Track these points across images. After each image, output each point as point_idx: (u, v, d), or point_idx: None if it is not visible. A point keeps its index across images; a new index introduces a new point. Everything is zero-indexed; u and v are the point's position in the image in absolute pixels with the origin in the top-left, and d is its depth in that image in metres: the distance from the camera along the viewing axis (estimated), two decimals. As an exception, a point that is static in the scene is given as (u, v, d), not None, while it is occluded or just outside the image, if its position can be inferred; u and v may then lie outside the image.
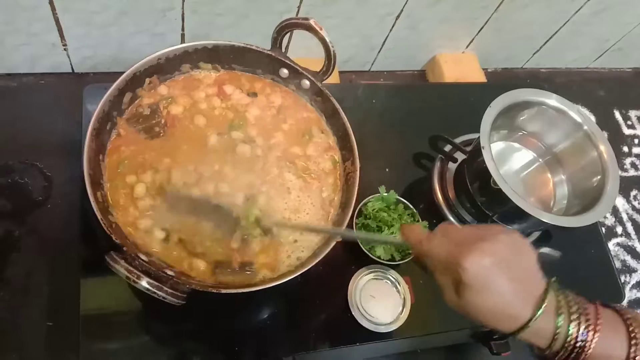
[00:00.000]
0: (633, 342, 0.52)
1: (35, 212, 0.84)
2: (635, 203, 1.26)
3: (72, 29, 0.89)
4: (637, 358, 0.51)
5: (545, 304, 0.51)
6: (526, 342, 0.54)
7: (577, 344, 0.51)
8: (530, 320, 0.51)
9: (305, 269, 0.66)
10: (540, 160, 0.98)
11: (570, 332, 0.51)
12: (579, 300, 0.53)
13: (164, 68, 0.75)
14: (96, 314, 0.71)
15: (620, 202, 1.25)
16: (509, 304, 0.51)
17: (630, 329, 0.52)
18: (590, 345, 0.51)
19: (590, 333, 0.52)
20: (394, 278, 0.82)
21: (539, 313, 0.51)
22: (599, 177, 0.87)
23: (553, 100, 0.91)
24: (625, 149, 1.35)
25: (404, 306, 0.81)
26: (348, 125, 0.77)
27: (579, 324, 0.52)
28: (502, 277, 0.50)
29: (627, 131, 1.38)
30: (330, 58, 0.75)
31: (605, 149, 0.88)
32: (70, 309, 0.70)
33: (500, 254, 0.50)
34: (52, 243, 0.82)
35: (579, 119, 0.90)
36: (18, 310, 0.77)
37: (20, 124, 0.90)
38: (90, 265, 0.72)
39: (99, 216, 0.60)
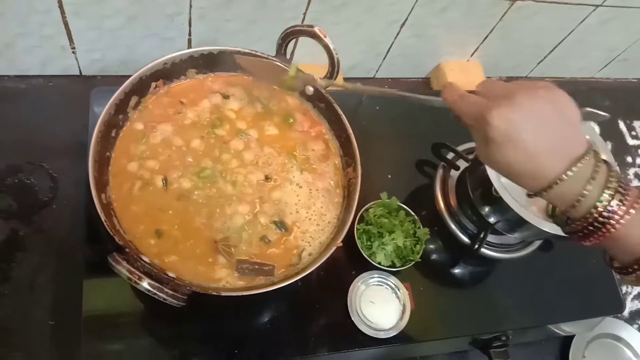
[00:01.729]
0: None
1: (41, 213, 0.85)
2: (639, 214, 1.26)
3: (83, 33, 0.91)
4: None
5: (580, 165, 0.48)
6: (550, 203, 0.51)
7: (603, 214, 0.48)
8: (556, 180, 0.49)
9: (306, 273, 0.66)
10: (543, 169, 0.98)
11: (600, 200, 0.48)
12: (621, 177, 0.50)
13: (170, 72, 0.77)
14: (98, 314, 0.72)
15: (624, 213, 1.25)
16: (535, 161, 0.49)
17: None
18: (618, 220, 0.48)
19: (623, 208, 0.48)
20: (394, 284, 0.83)
21: (569, 174, 0.48)
22: (601, 187, 0.87)
23: (556, 110, 0.91)
24: (630, 159, 1.35)
25: (403, 312, 0.81)
26: (350, 131, 0.78)
27: (613, 195, 0.48)
28: (528, 133, 0.48)
29: (631, 142, 1.38)
30: (334, 65, 0.75)
31: (608, 159, 0.88)
32: (74, 309, 0.71)
33: (529, 109, 0.48)
34: (56, 243, 0.83)
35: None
36: (22, 308, 0.78)
37: (28, 125, 0.91)
38: (93, 265, 0.73)
39: (103, 218, 0.61)
